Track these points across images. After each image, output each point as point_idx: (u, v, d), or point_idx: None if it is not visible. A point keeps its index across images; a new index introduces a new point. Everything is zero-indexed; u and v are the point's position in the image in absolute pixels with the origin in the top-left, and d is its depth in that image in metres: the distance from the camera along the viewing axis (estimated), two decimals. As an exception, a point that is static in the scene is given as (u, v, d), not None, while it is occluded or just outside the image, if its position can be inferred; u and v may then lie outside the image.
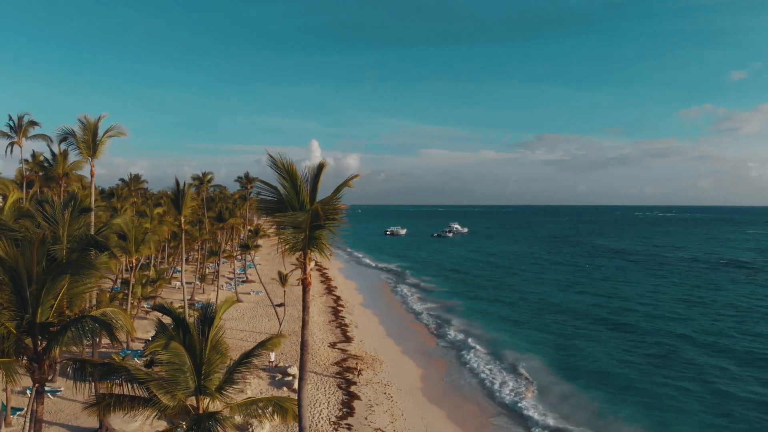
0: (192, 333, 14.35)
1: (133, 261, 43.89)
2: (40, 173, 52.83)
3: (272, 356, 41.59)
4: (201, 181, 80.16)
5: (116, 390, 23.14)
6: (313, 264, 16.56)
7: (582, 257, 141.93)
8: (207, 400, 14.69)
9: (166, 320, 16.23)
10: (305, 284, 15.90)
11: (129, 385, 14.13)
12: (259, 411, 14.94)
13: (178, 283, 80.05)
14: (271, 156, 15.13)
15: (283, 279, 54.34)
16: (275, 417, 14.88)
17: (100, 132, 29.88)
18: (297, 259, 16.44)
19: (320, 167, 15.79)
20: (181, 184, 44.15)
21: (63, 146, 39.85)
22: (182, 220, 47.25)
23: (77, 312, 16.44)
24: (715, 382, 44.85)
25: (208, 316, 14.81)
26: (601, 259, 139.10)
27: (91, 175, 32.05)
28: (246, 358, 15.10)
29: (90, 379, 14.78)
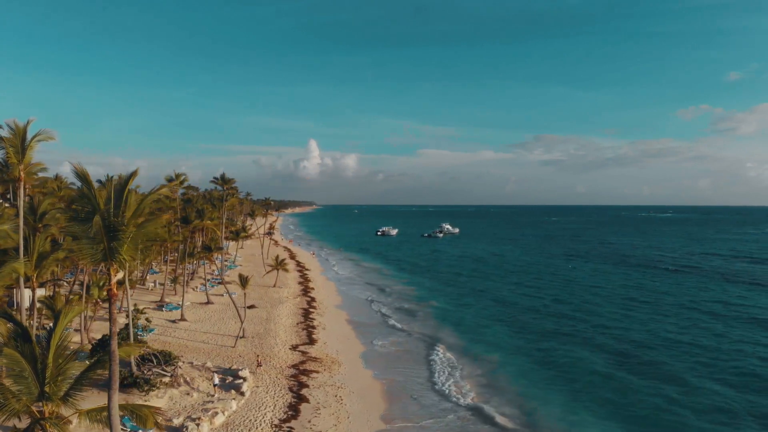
0: (32, 341, 14.48)
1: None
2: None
3: (216, 379, 39.36)
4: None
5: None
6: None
7: (555, 259, 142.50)
8: (52, 405, 14.82)
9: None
10: (110, 296, 15.94)
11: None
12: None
13: (152, 284, 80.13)
14: (73, 165, 15.22)
15: (243, 281, 54.30)
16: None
17: (29, 136, 30.10)
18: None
19: (130, 175, 15.84)
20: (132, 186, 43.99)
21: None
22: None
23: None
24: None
25: (54, 324, 14.93)
26: (577, 261, 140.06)
27: (19, 180, 32.11)
28: (94, 366, 15.20)
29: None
